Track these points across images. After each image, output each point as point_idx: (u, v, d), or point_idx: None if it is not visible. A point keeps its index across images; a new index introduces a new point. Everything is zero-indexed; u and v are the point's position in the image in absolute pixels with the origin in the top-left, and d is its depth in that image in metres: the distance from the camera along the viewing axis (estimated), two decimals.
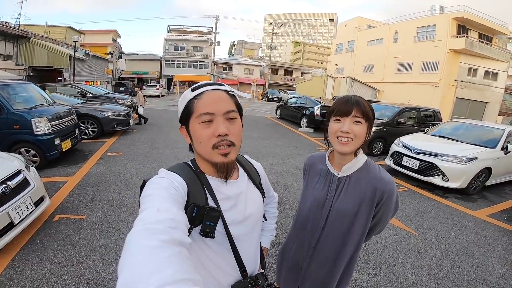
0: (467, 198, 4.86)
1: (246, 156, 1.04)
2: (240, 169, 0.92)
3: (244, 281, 0.86)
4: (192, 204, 0.74)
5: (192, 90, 0.79)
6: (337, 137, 1.03)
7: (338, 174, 1.13)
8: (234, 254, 0.83)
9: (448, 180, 4.84)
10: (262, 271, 0.99)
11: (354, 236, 1.12)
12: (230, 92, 0.82)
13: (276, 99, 29.66)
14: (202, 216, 0.74)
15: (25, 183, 2.72)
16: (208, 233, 0.75)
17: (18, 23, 22.05)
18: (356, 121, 1.01)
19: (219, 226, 0.78)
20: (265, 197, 1.01)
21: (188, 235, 0.70)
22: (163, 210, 0.59)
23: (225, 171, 0.81)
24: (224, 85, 0.82)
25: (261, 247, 1.02)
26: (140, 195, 0.72)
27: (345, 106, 1.02)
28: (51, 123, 4.70)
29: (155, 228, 0.52)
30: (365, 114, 1.01)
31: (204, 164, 0.83)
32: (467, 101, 21.67)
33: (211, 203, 0.78)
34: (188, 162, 0.87)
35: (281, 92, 31.95)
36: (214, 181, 0.82)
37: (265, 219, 1.14)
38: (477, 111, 21.95)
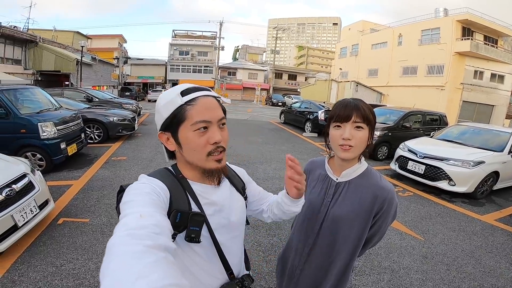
0: (474, 203, 4.78)
1: (226, 163, 1.03)
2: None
3: (231, 284, 0.86)
4: (175, 210, 0.73)
5: (182, 95, 0.75)
6: (339, 145, 1.00)
7: (337, 179, 1.10)
8: (221, 257, 0.83)
9: (455, 185, 4.78)
10: (247, 272, 0.99)
11: (349, 244, 1.08)
12: (217, 98, 0.82)
13: (280, 103, 29.66)
14: (186, 221, 0.73)
15: (30, 187, 2.75)
16: (193, 238, 0.73)
17: (26, 27, 22.38)
18: (357, 126, 0.98)
19: (204, 231, 0.77)
20: (247, 201, 1.00)
21: (173, 241, 0.69)
22: (146, 215, 0.57)
23: (218, 177, 0.82)
24: (211, 91, 0.81)
25: (244, 250, 1.02)
26: (117, 202, 0.70)
27: (345, 111, 0.99)
28: (57, 127, 4.75)
29: (138, 233, 0.51)
30: (365, 118, 0.97)
31: (188, 170, 0.82)
32: (473, 104, 21.47)
33: (194, 208, 0.77)
34: (169, 168, 0.85)
35: (285, 97, 31.97)
36: (197, 186, 0.81)
37: (266, 211, 1.05)
38: (484, 115, 21.72)
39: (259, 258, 2.73)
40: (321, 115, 10.39)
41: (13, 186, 2.52)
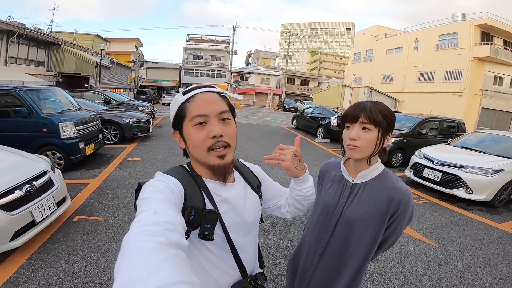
0: (492, 211, 4.65)
1: (241, 160, 1.04)
2: (236, 173, 0.92)
3: (244, 281, 0.86)
4: (190, 207, 0.74)
5: (184, 94, 0.80)
6: (347, 144, 1.03)
7: (353, 181, 1.10)
8: (234, 255, 0.83)
9: (472, 193, 4.64)
10: (261, 270, 0.99)
11: (363, 246, 1.08)
12: (221, 94, 0.82)
13: (292, 109, 29.53)
14: (200, 218, 0.74)
15: (49, 184, 2.85)
16: (206, 235, 0.74)
17: (50, 30, 22.98)
18: (364, 128, 0.99)
19: (218, 229, 0.78)
20: (262, 200, 1.00)
21: (187, 238, 0.71)
22: (160, 212, 0.58)
23: (223, 174, 0.81)
24: (215, 87, 0.83)
25: (259, 247, 1.02)
26: (135, 199, 0.72)
27: (354, 112, 1.01)
28: (77, 127, 4.92)
29: (152, 230, 0.52)
30: (372, 120, 0.98)
31: (200, 167, 0.83)
32: (493, 111, 20.74)
33: (208, 205, 0.78)
34: (184, 165, 0.87)
35: (297, 102, 31.85)
36: (211, 184, 0.82)
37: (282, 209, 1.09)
38: (504, 122, 20.91)
39: (268, 261, 2.72)
40: (333, 121, 10.26)
41: (34, 182, 2.62)
